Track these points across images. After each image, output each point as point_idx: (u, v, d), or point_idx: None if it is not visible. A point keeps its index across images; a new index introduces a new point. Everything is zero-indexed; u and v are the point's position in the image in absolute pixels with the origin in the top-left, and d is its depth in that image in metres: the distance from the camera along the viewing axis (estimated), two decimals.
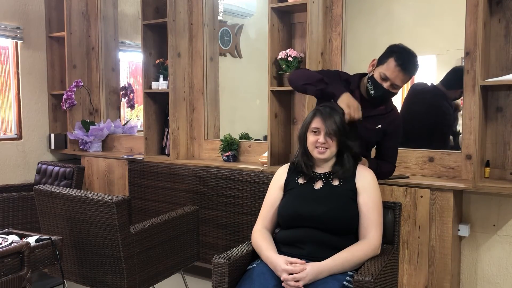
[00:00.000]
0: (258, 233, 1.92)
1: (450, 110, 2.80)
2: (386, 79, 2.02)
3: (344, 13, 2.88)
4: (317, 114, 1.89)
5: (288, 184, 1.96)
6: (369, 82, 2.08)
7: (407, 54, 2.02)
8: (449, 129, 2.83)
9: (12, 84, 3.98)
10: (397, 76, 1.99)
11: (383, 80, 2.02)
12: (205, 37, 3.52)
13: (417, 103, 2.94)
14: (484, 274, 2.54)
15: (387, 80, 2.01)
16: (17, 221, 3.22)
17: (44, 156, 4.19)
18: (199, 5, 3.50)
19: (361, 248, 1.78)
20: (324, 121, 1.86)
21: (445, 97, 2.79)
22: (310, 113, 1.93)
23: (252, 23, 4.32)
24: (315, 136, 1.88)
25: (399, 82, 2.02)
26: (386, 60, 2.02)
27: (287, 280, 1.66)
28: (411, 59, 2.02)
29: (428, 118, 2.91)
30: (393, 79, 2.00)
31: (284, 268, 1.68)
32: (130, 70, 4.67)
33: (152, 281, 2.50)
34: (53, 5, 4.17)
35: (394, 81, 2.01)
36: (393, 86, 2.03)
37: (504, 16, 2.39)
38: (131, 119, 4.51)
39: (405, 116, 2.77)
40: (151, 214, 3.37)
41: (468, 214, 2.56)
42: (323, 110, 1.89)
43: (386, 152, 2.26)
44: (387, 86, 2.02)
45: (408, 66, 1.99)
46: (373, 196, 1.86)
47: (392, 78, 2.00)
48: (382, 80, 2.03)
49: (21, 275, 1.92)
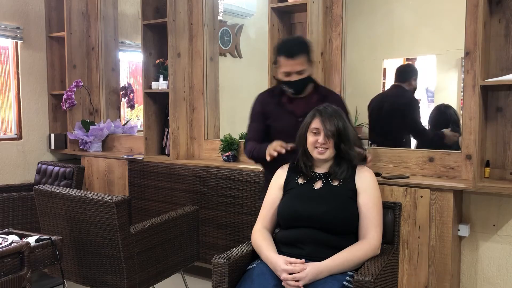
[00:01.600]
0: (258, 233, 1.92)
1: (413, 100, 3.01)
2: (288, 74, 2.16)
3: (344, 13, 2.87)
4: (317, 115, 1.89)
5: (287, 184, 1.96)
6: (284, 86, 2.22)
7: (285, 42, 2.22)
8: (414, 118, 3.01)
9: (12, 84, 3.98)
10: (292, 64, 2.13)
11: (288, 75, 2.17)
12: (205, 37, 3.52)
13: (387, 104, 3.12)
14: (484, 274, 2.54)
15: (290, 73, 2.16)
16: (17, 221, 3.22)
17: (44, 156, 4.19)
18: (199, 5, 3.50)
19: (361, 248, 1.78)
20: (324, 122, 1.86)
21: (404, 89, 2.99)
22: (311, 113, 1.93)
23: (252, 23, 4.32)
24: (315, 136, 1.88)
25: (299, 67, 2.14)
26: (277, 60, 2.19)
27: (287, 280, 1.66)
28: (291, 42, 2.19)
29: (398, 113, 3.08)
30: (292, 69, 2.14)
31: (284, 268, 1.68)
32: (130, 70, 4.67)
33: (152, 281, 2.50)
34: (53, 5, 4.17)
35: (294, 69, 2.14)
36: (299, 73, 2.15)
37: (504, 16, 2.39)
38: (131, 119, 4.51)
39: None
40: (151, 214, 3.37)
41: (468, 214, 2.56)
42: (323, 110, 1.89)
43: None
44: (295, 77, 2.16)
45: (292, 50, 2.13)
46: (373, 196, 1.86)
47: (291, 69, 2.14)
48: (287, 76, 2.17)
49: (21, 275, 1.92)
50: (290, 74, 2.15)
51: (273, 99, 2.30)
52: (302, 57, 2.14)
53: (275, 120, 2.29)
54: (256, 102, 2.37)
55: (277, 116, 2.28)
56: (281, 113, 2.26)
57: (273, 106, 2.29)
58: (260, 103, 2.34)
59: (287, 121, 2.23)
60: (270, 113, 2.29)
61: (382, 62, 3.28)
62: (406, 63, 3.14)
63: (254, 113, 2.36)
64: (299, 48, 2.14)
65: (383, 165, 2.77)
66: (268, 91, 2.40)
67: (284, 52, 2.14)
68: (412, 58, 3.25)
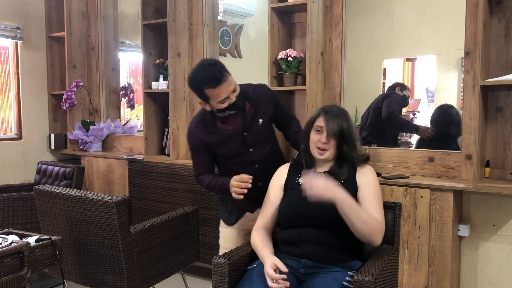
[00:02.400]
0: (256, 232, 1.92)
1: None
2: (225, 100, 2.00)
3: (344, 13, 2.87)
4: (322, 114, 1.88)
5: (288, 184, 1.96)
6: (221, 114, 2.07)
7: (201, 74, 1.99)
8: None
9: (12, 84, 3.98)
10: (218, 93, 1.97)
11: (224, 101, 2.01)
12: (205, 37, 3.52)
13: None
14: (484, 274, 2.54)
15: (226, 99, 2.00)
16: (17, 221, 3.22)
17: (44, 156, 4.19)
18: (199, 5, 3.50)
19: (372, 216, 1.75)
20: (328, 121, 1.85)
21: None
22: (317, 111, 1.92)
23: (252, 23, 4.32)
24: (318, 135, 1.87)
25: (227, 93, 1.99)
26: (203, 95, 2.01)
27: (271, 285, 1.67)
28: (207, 71, 1.97)
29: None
30: (226, 93, 1.98)
31: (267, 272, 1.69)
32: (130, 70, 4.67)
33: (152, 281, 2.50)
34: (53, 5, 4.17)
35: (228, 92, 1.99)
36: (229, 98, 2.01)
37: (504, 16, 2.39)
38: (131, 119, 4.51)
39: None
40: (151, 214, 3.37)
41: (468, 214, 2.56)
42: (330, 110, 1.89)
43: (285, 119, 2.32)
44: (228, 102, 2.00)
45: (214, 76, 1.96)
46: (372, 188, 1.84)
47: (226, 94, 1.98)
48: (225, 102, 2.01)
49: (21, 275, 1.92)
50: (227, 99, 2.00)
51: (207, 129, 2.14)
52: (226, 76, 1.99)
53: (220, 148, 2.15)
54: (193, 138, 2.18)
55: (220, 144, 2.14)
56: (222, 140, 2.13)
57: (211, 135, 2.13)
58: (197, 139, 2.16)
59: (232, 144, 2.13)
60: (212, 144, 2.14)
61: (382, 62, 3.29)
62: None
63: (194, 148, 2.20)
64: (219, 70, 1.98)
65: (383, 165, 2.77)
66: (198, 124, 2.16)
67: (209, 83, 1.96)
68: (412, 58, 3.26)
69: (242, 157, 2.15)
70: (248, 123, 2.12)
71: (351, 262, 1.81)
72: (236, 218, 2.24)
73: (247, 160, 2.15)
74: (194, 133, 2.17)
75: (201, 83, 1.99)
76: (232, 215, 2.24)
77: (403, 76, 3.30)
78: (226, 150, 2.15)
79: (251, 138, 2.13)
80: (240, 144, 2.12)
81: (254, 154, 2.16)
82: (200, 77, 1.99)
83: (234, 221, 2.24)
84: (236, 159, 2.15)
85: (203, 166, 2.22)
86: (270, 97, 2.23)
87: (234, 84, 2.02)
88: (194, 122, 2.19)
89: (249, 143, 2.14)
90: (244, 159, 2.15)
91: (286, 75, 2.90)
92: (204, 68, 1.99)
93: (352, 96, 3.01)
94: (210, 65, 1.99)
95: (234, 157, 2.15)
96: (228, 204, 2.25)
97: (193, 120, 2.20)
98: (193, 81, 2.02)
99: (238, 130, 2.12)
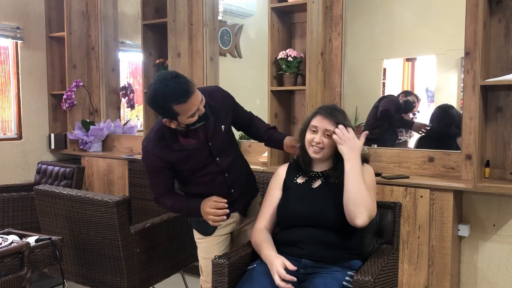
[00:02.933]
0: (258, 232, 1.92)
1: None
2: (194, 113, 1.81)
3: (344, 13, 2.87)
4: (318, 113, 1.89)
5: (286, 184, 1.96)
6: (189, 128, 1.88)
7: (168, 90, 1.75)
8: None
9: (12, 84, 3.99)
10: (189, 107, 1.78)
11: (194, 115, 1.82)
12: (205, 37, 3.52)
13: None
14: (484, 274, 2.54)
15: (195, 112, 1.81)
16: (17, 221, 3.22)
17: (44, 156, 4.19)
18: (199, 5, 3.50)
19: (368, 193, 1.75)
20: (323, 121, 1.86)
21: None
22: (314, 111, 1.92)
23: (252, 23, 4.32)
24: (313, 134, 1.87)
25: (197, 105, 1.81)
26: (171, 112, 1.80)
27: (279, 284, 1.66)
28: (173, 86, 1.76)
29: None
30: (194, 109, 1.80)
31: (278, 270, 1.67)
32: (130, 70, 4.67)
33: (152, 281, 2.50)
34: (53, 5, 4.17)
35: (197, 105, 1.80)
36: (199, 110, 1.82)
37: (504, 16, 2.39)
38: (131, 119, 4.51)
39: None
40: (151, 214, 3.37)
41: (468, 214, 2.56)
42: (325, 110, 1.89)
43: (245, 118, 2.19)
44: (198, 114, 1.83)
45: (183, 91, 1.76)
46: (367, 182, 1.80)
47: (193, 110, 1.80)
48: (194, 115, 1.82)
49: (21, 275, 1.92)
50: (197, 111, 1.82)
51: (170, 147, 1.94)
52: (193, 87, 1.80)
53: (186, 165, 1.97)
54: (153, 159, 1.96)
55: (185, 160, 1.96)
56: (187, 156, 1.95)
57: (175, 153, 1.94)
58: (158, 159, 1.94)
59: (198, 158, 1.97)
60: (177, 162, 1.95)
61: (382, 62, 3.28)
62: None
63: (153, 170, 1.98)
64: (185, 82, 1.78)
65: (383, 165, 2.77)
66: (157, 143, 1.94)
67: (178, 99, 1.75)
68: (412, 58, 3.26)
69: (209, 168, 2.00)
70: (211, 133, 1.97)
71: (350, 262, 1.81)
72: (214, 228, 2.09)
73: (215, 170, 2.02)
74: (154, 153, 1.94)
75: (167, 99, 1.75)
76: (210, 226, 2.06)
77: (403, 76, 3.30)
78: (191, 165, 1.98)
79: (216, 147, 1.99)
80: (205, 156, 1.98)
81: (222, 163, 2.02)
82: (166, 93, 1.75)
83: (213, 230, 2.10)
84: (203, 171, 2.00)
85: (164, 187, 2.02)
86: (228, 100, 2.09)
87: (200, 94, 1.83)
88: (151, 141, 1.95)
89: (215, 153, 1.99)
90: (212, 170, 2.01)
91: (286, 75, 2.90)
92: (167, 82, 1.75)
93: (352, 96, 3.01)
94: (172, 78, 1.76)
95: (200, 170, 1.99)
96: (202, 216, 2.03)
97: (149, 139, 1.96)
98: (157, 100, 1.78)
99: (202, 142, 1.96)
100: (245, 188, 2.16)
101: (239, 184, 2.10)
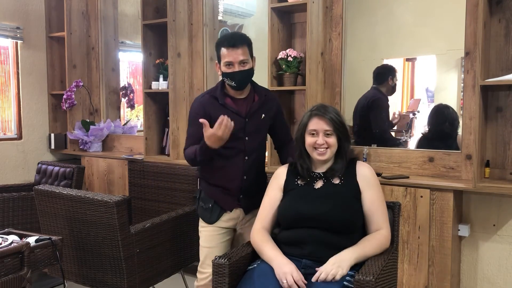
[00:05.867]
0: (259, 233, 1.91)
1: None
2: (230, 64, 2.08)
3: (344, 13, 2.88)
4: (313, 116, 1.89)
5: (288, 185, 1.96)
6: (226, 79, 2.12)
7: (226, 35, 2.14)
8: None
9: (12, 84, 3.98)
10: (234, 54, 2.07)
11: (229, 66, 2.08)
12: (205, 37, 3.52)
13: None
14: (484, 274, 2.54)
15: (232, 64, 2.07)
16: (17, 221, 3.22)
17: (44, 156, 4.18)
18: (199, 5, 3.50)
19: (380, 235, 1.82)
20: (320, 122, 1.86)
21: (376, 90, 3.07)
22: (306, 115, 1.92)
23: (252, 23, 4.31)
24: (314, 137, 1.87)
25: (242, 57, 2.08)
26: (219, 54, 2.12)
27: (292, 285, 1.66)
28: (231, 35, 2.14)
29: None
30: (234, 58, 2.07)
31: (293, 274, 1.68)
32: (130, 70, 4.67)
33: (152, 281, 2.50)
34: (53, 5, 4.17)
35: (237, 59, 2.07)
36: (242, 64, 2.08)
37: (504, 16, 2.39)
38: (131, 119, 4.51)
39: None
40: (151, 214, 3.37)
41: (468, 214, 2.56)
42: (319, 110, 1.89)
43: (281, 131, 2.36)
44: (237, 68, 2.08)
45: (233, 40, 2.08)
46: (378, 192, 1.88)
47: (234, 59, 2.07)
48: (229, 67, 2.08)
49: (21, 275, 1.92)
50: (233, 64, 2.07)
51: (215, 101, 2.15)
52: (244, 48, 2.09)
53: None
54: (197, 106, 2.17)
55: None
56: (227, 115, 2.05)
57: (217, 108, 2.12)
58: (202, 107, 2.15)
59: (234, 122, 2.05)
60: (215, 116, 2.05)
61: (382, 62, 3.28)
62: (382, 64, 3.17)
63: (194, 118, 2.14)
64: (241, 39, 2.09)
65: (383, 165, 2.77)
66: (208, 94, 2.19)
67: (226, 43, 2.07)
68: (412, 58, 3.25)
69: (236, 143, 2.12)
70: (252, 111, 2.16)
71: None
72: (218, 216, 2.21)
73: (240, 147, 2.16)
74: (201, 102, 2.18)
75: (220, 41, 2.12)
76: (213, 213, 2.21)
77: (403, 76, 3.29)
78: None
79: (250, 126, 2.16)
80: (239, 128, 2.10)
81: (248, 144, 2.17)
82: (224, 37, 2.12)
83: (216, 218, 2.21)
84: (230, 143, 2.07)
85: (195, 139, 2.13)
86: (277, 104, 2.31)
87: (247, 58, 2.09)
88: (203, 93, 2.25)
89: (248, 130, 2.16)
90: (237, 146, 2.15)
91: (286, 75, 2.90)
92: (231, 33, 2.18)
93: (352, 96, 3.01)
94: (236, 33, 2.17)
95: (229, 141, 2.05)
96: (209, 202, 2.22)
97: (203, 92, 2.28)
98: (217, 40, 2.16)
99: (241, 114, 2.15)
100: (254, 184, 2.23)
101: (252, 175, 2.20)
